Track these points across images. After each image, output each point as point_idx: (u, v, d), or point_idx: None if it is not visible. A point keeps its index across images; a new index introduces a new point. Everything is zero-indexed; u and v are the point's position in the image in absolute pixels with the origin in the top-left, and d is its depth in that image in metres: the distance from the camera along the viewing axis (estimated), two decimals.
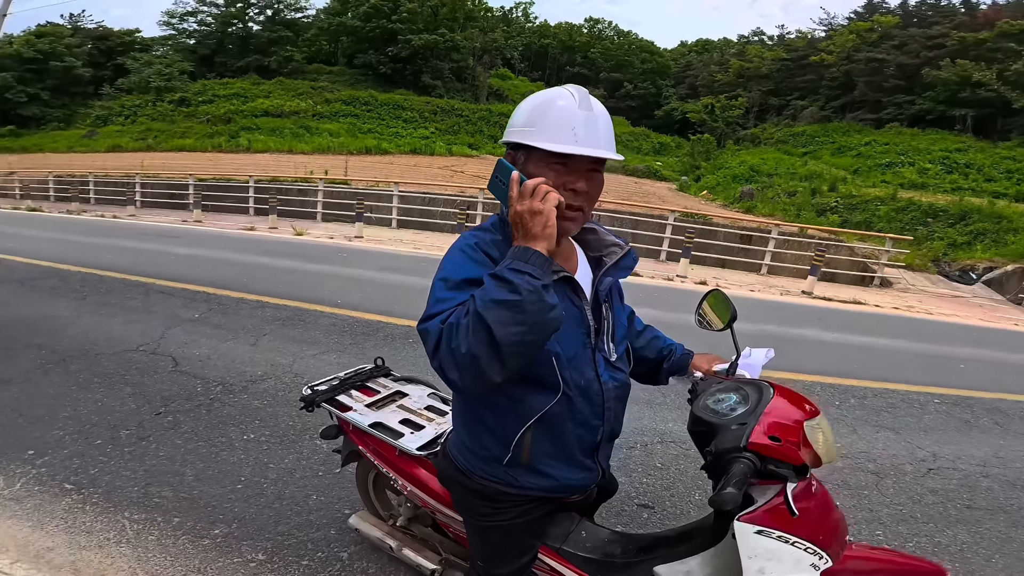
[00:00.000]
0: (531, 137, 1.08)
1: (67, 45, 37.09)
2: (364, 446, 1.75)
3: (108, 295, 5.38)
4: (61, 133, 34.03)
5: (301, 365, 3.82)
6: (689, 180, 28.67)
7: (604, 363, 1.23)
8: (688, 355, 1.49)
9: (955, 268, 14.46)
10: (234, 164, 22.39)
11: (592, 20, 66.22)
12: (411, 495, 1.65)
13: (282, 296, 5.52)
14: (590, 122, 1.07)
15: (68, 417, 3.01)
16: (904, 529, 2.59)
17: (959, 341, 6.52)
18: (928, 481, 3.02)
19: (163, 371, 3.62)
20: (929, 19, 37.14)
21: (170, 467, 2.61)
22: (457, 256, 1.11)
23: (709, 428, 1.13)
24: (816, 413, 1.12)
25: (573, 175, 1.09)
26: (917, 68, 32.67)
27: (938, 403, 4.17)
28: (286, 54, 42.35)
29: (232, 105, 35.59)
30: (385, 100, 39.07)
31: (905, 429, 3.64)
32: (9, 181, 19.33)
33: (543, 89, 1.19)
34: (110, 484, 2.46)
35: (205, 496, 2.41)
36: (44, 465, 2.58)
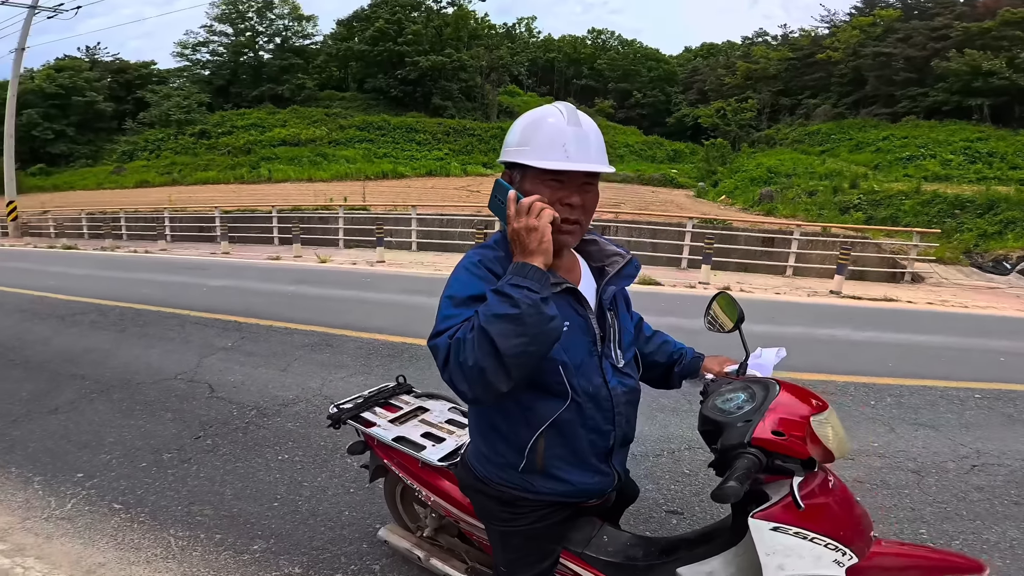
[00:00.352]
0: (525, 156, 1.13)
1: (87, 79, 38.37)
2: (389, 459, 1.81)
3: (145, 327, 5.59)
4: (90, 170, 35.35)
5: (331, 388, 3.91)
6: (707, 186, 28.47)
7: (612, 369, 1.26)
8: (699, 358, 1.52)
9: (988, 259, 14.00)
10: (257, 195, 23.06)
11: (595, 31, 66.39)
12: (435, 505, 1.70)
13: (310, 322, 5.66)
14: (580, 138, 1.12)
15: (113, 442, 3.16)
16: (950, 527, 2.52)
17: (997, 334, 6.33)
18: (972, 478, 2.93)
19: (201, 397, 3.76)
20: (930, 11, 36.47)
21: (210, 487, 2.72)
22: (462, 274, 1.16)
23: (716, 427, 1.15)
24: (823, 408, 1.13)
25: (567, 190, 1.13)
26: (926, 60, 32.07)
27: (979, 398, 4.04)
28: (298, 82, 43.50)
29: (250, 136, 36.69)
30: (398, 124, 39.85)
31: (945, 426, 3.54)
32: (44, 220, 20.18)
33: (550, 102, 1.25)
34: (155, 504, 2.59)
35: (244, 514, 2.51)
36: (93, 487, 2.72)
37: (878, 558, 1.12)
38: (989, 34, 30.06)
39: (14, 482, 2.79)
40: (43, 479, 2.81)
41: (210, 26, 44.53)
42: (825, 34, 41.46)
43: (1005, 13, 29.73)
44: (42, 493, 2.69)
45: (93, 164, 36.58)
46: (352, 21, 46.64)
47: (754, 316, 6.96)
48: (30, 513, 2.53)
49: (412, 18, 42.96)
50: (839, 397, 3.94)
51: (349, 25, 46.76)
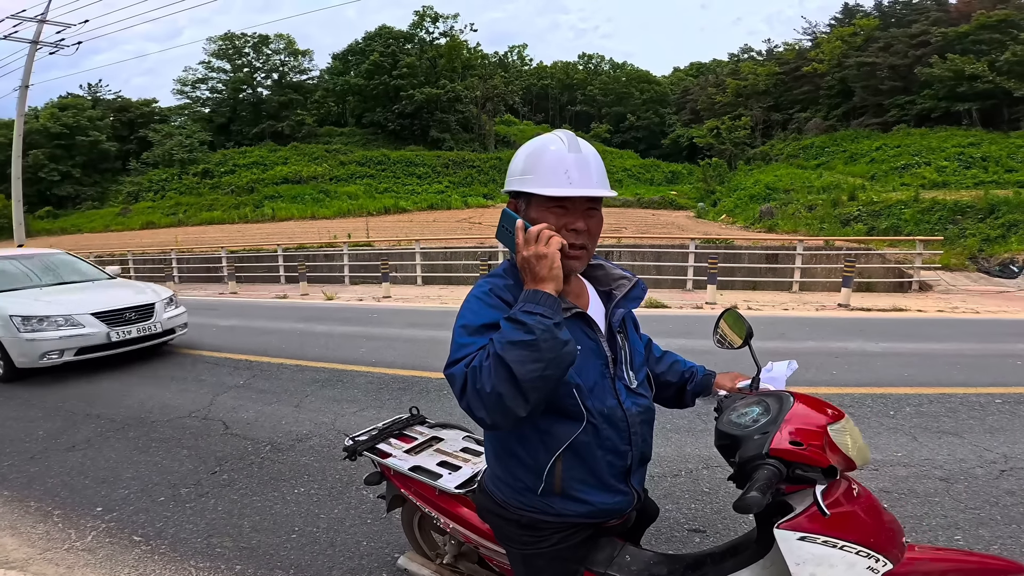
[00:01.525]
0: (529, 184, 1.16)
1: (90, 117, 39.26)
2: (406, 489, 1.82)
3: (158, 367, 5.63)
4: (96, 212, 35.94)
5: (343, 422, 3.91)
6: (706, 205, 28.69)
7: (625, 390, 1.28)
8: (710, 375, 1.52)
9: (994, 263, 13.96)
10: (261, 233, 23.37)
11: (586, 56, 67.70)
12: (454, 532, 1.70)
13: (319, 359, 5.69)
14: (581, 163, 1.15)
15: (131, 478, 3.19)
16: (986, 532, 2.47)
17: (1012, 337, 6.29)
18: (1003, 483, 2.88)
19: (215, 434, 3.78)
20: (906, 18, 37.11)
21: (228, 520, 2.74)
22: (474, 303, 1.18)
23: (733, 441, 1.16)
24: (840, 417, 1.14)
25: (572, 216, 1.17)
26: (909, 68, 32.52)
27: (1000, 403, 4.00)
28: (297, 118, 44.31)
29: (253, 174, 37.31)
30: (397, 157, 40.52)
31: (969, 432, 3.50)
32: None
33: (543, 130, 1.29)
34: (175, 536, 2.61)
35: (263, 545, 2.53)
36: (112, 520, 2.75)
37: (915, 563, 1.11)
38: (967, 38, 30.52)
39: (33, 515, 2.82)
40: (62, 512, 2.83)
41: (208, 62, 45.76)
42: (809, 47, 42.21)
43: (980, 17, 30.18)
44: (62, 526, 2.71)
45: (99, 206, 37.23)
46: (347, 55, 47.86)
47: (764, 333, 6.92)
48: (50, 544, 2.56)
49: (406, 50, 44.04)
50: (857, 409, 3.90)
51: (344, 59, 47.92)
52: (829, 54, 37.14)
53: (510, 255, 1.26)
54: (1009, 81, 27.44)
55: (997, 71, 28.10)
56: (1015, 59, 27.27)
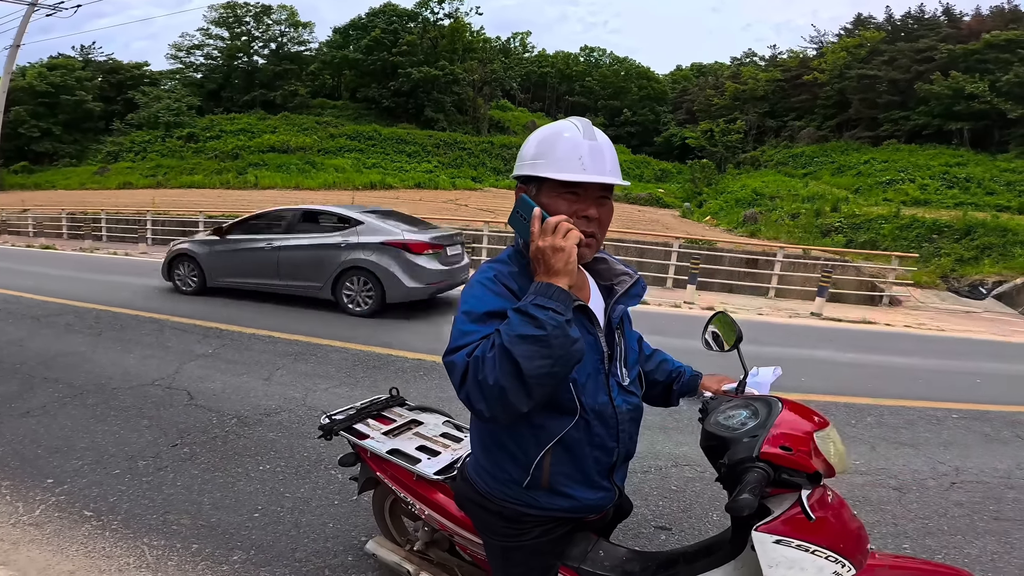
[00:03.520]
0: (541, 169, 1.13)
1: (78, 78, 37.94)
2: (382, 472, 1.78)
3: (123, 331, 5.47)
4: (73, 169, 34.78)
5: (314, 398, 3.85)
6: (692, 206, 28.86)
7: (617, 387, 1.27)
8: (697, 376, 1.53)
9: (964, 283, 14.39)
10: (242, 201, 22.81)
11: (588, 48, 67.23)
12: (429, 519, 1.68)
13: (293, 331, 5.60)
14: (595, 151, 1.13)
15: (86, 448, 3.06)
16: (932, 542, 2.57)
17: (973, 356, 6.49)
18: (952, 494, 3.00)
19: (179, 405, 3.67)
20: (915, 33, 37.43)
21: (188, 496, 2.64)
22: (478, 289, 1.15)
23: (721, 442, 1.16)
24: (825, 424, 1.16)
25: (584, 203, 1.14)
26: (909, 83, 32.92)
27: (956, 418, 4.14)
28: (290, 88, 43.34)
29: (239, 141, 36.38)
30: (388, 134, 39.88)
31: (924, 445, 3.62)
32: (23, 219, 19.71)
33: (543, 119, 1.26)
34: (129, 512, 2.50)
35: (223, 524, 2.44)
36: (63, 493, 2.63)
37: (875, 570, 1.13)
38: (973, 57, 30.84)
39: None
40: (11, 484, 2.71)
41: (207, 29, 44.42)
42: (813, 55, 42.37)
43: (990, 36, 30.54)
44: (10, 498, 2.59)
45: (77, 164, 36.01)
46: (348, 29, 46.79)
47: None
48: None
49: (408, 28, 43.22)
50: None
51: (345, 33, 46.88)
52: (832, 64, 37.40)
53: (515, 241, 1.24)
54: (1007, 103, 27.89)
55: (997, 92, 28.52)
56: (1017, 80, 27.70)
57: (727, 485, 1.15)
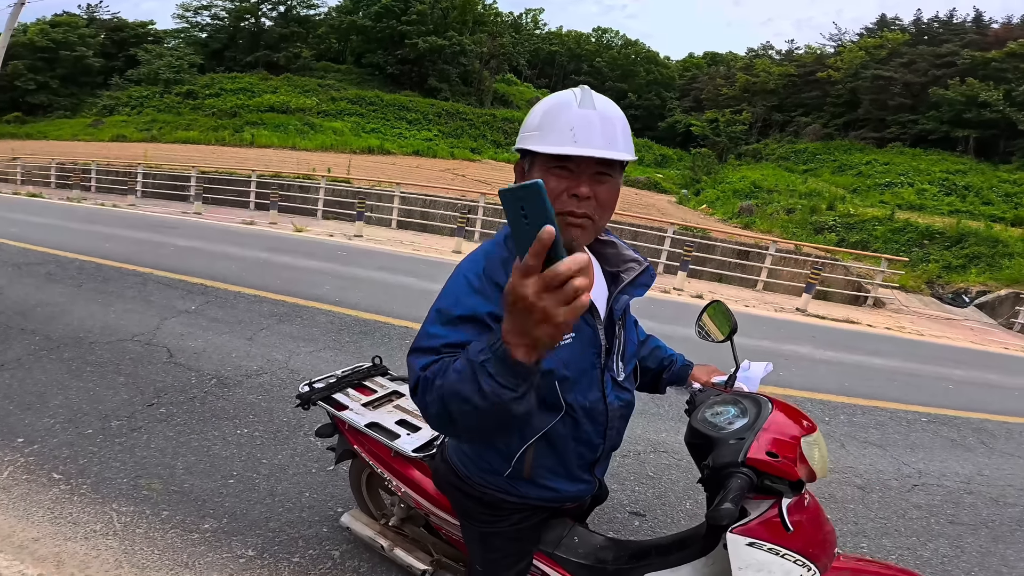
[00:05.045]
0: (532, 141, 1.03)
1: (80, 35, 37.02)
2: (359, 446, 1.75)
3: (105, 283, 5.38)
4: (66, 121, 33.97)
5: (297, 361, 3.82)
6: (689, 193, 28.78)
7: (612, 383, 1.20)
8: (688, 366, 1.49)
9: (948, 290, 14.58)
10: (237, 158, 22.39)
11: (600, 29, 66.23)
12: (405, 496, 1.66)
13: (280, 292, 5.53)
14: (589, 121, 1.00)
15: (59, 405, 2.98)
16: (888, 542, 2.63)
17: (948, 362, 6.60)
18: (913, 496, 3.07)
19: (157, 362, 3.62)
20: (939, 37, 36.83)
21: (161, 459, 2.58)
22: (460, 284, 1.04)
23: (706, 441, 1.14)
24: (813, 429, 1.14)
25: (576, 179, 1.01)
26: (923, 87, 32.57)
27: (926, 422, 4.22)
28: (295, 51, 42.43)
29: (238, 100, 35.63)
30: (391, 101, 39.18)
31: (892, 446, 3.69)
32: (11, 167, 19.25)
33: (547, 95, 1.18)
34: (99, 475, 2.44)
35: (196, 490, 2.40)
36: (33, 454, 2.55)
37: (839, 573, 1.16)
38: (992, 64, 30.47)
39: None
40: None
41: None
42: (830, 53, 41.69)
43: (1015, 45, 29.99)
44: None
45: (72, 116, 35.15)
46: None
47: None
48: None
49: None
50: None
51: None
52: (847, 63, 36.86)
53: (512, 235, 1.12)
54: (1019, 113, 27.67)
55: (1011, 101, 28.27)
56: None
57: (708, 488, 1.14)
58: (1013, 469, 3.63)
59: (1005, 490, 3.29)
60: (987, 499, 3.15)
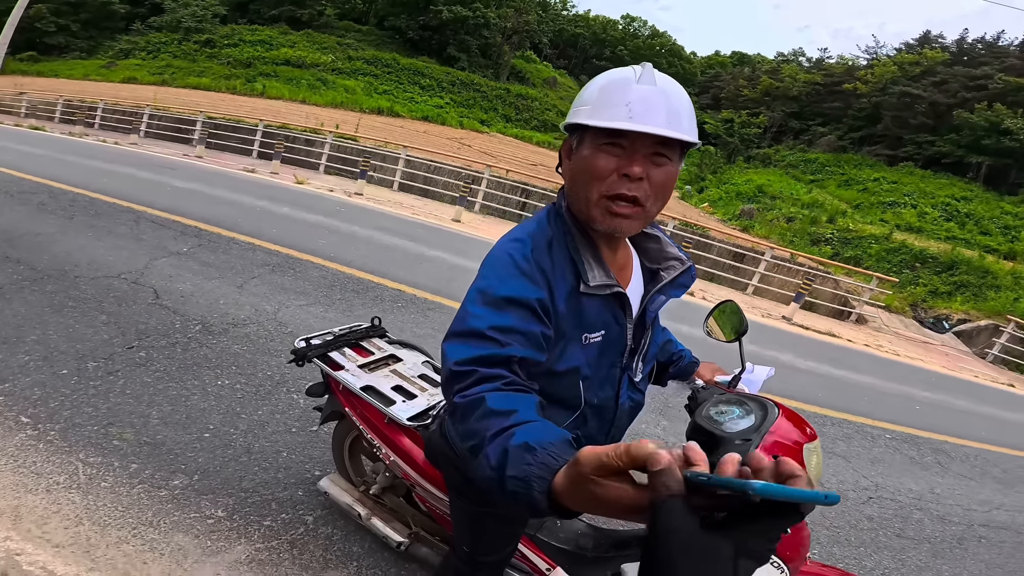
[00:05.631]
0: (582, 115, 0.94)
1: None
2: (351, 409, 1.70)
3: (96, 218, 5.33)
4: (79, 62, 33.35)
5: (286, 314, 3.79)
6: (693, 190, 28.70)
7: (628, 382, 1.14)
8: (695, 363, 1.47)
9: (930, 315, 14.77)
10: (246, 106, 22.03)
11: (629, 17, 65.33)
12: (393, 465, 1.61)
13: (274, 241, 5.50)
14: (648, 97, 0.90)
15: (36, 341, 2.86)
16: (837, 551, 2.74)
17: (919, 384, 6.75)
18: (866, 508, 3.19)
19: (142, 302, 3.55)
20: (980, 59, 36.17)
21: (135, 407, 2.49)
22: (505, 264, 0.95)
23: (710, 438, 1.12)
24: (815, 437, 1.15)
25: (630, 159, 0.92)
26: (949, 108, 32.13)
27: (889, 438, 4.35)
28: (320, 7, 41.60)
29: (256, 51, 35.21)
30: (407, 65, 38.59)
31: (855, 458, 3.81)
32: (17, 100, 18.86)
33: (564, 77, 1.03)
34: (69, 420, 2.32)
35: (168, 442, 2.30)
36: (3, 393, 2.42)
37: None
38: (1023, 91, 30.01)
39: None
40: None
41: None
42: (862, 65, 41.11)
43: None
44: None
45: (87, 58, 34.43)
46: None
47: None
48: None
49: None
50: None
51: None
52: (878, 77, 36.33)
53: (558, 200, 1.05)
54: None
55: None
56: None
57: None
58: (963, 490, 3.78)
59: (952, 509, 3.43)
60: (935, 516, 3.28)
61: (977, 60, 36.20)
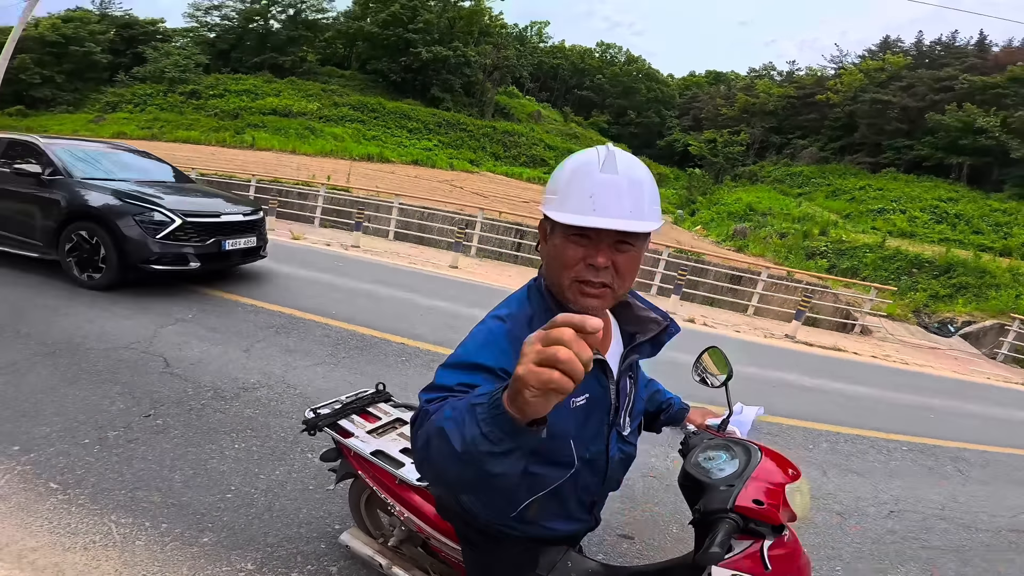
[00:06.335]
0: (553, 207, 1.00)
1: (91, 31, 37.19)
2: (364, 471, 1.80)
3: None
4: (68, 116, 33.92)
5: (294, 376, 3.83)
6: (685, 214, 29.09)
7: (617, 437, 1.24)
8: (684, 409, 1.56)
9: (934, 320, 14.78)
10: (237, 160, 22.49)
11: (604, 45, 66.81)
12: (407, 521, 1.70)
13: (276, 302, 5.56)
14: (610, 187, 0.95)
15: (54, 413, 2.97)
16: (862, 566, 2.72)
17: (930, 391, 6.73)
18: (888, 522, 3.17)
19: (154, 372, 3.61)
20: (941, 60, 37.13)
21: (158, 472, 2.60)
22: (484, 333, 1.06)
23: (698, 485, 1.22)
24: (797, 476, 1.23)
25: (595, 248, 0.98)
26: (921, 112, 32.86)
27: (905, 450, 4.34)
28: (301, 54, 42.79)
29: (242, 101, 35.87)
30: (392, 108, 39.46)
31: (871, 473, 3.79)
32: None
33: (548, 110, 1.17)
34: (96, 486, 2.44)
35: (194, 503, 2.42)
36: (29, 462, 2.55)
37: None
38: (992, 90, 30.68)
39: None
40: None
41: None
42: (831, 75, 42.11)
43: (1015, 69, 30.15)
44: None
45: (74, 111, 35.22)
46: (368, 2, 46.16)
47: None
48: None
49: (428, 7, 42.76)
50: (781, 439, 4.14)
51: (365, 5, 46.23)
52: (847, 86, 37.22)
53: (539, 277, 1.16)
54: (1014, 139, 27.88)
55: (1007, 128, 28.45)
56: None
57: (699, 529, 1.23)
58: (987, 496, 3.74)
59: (977, 516, 3.41)
60: (959, 525, 3.26)
61: (938, 62, 37.11)
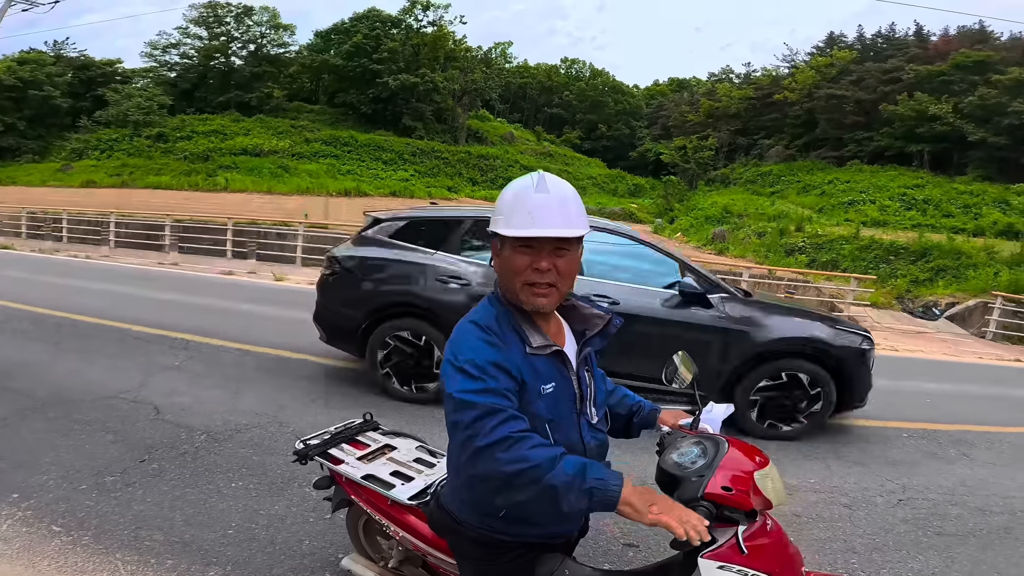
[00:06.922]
0: (499, 225, 1.23)
1: (48, 74, 36.74)
2: (357, 496, 1.84)
3: (84, 340, 5.30)
4: (35, 166, 33.49)
5: (285, 415, 3.81)
6: (664, 222, 29.53)
7: (587, 426, 1.38)
8: (656, 411, 1.63)
9: (918, 304, 15.07)
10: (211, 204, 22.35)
11: (569, 60, 67.70)
12: (403, 540, 1.74)
13: (263, 344, 5.50)
14: (544, 204, 1.20)
15: (50, 463, 2.98)
16: (878, 557, 2.69)
17: (924, 376, 6.79)
18: (898, 511, 3.15)
19: (145, 419, 3.59)
20: (884, 53, 38.51)
21: (159, 512, 2.61)
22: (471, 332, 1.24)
23: (672, 479, 1.29)
24: (765, 464, 1.29)
25: (539, 255, 1.22)
26: (875, 104, 33.87)
27: (906, 437, 4.36)
28: (267, 91, 42.58)
29: (210, 142, 35.62)
30: (365, 141, 39.60)
31: (874, 463, 3.79)
32: None
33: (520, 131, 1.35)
34: (99, 527, 2.46)
35: (197, 540, 2.43)
36: (30, 508, 2.56)
37: None
38: (939, 78, 31.74)
39: None
40: None
41: (185, 28, 43.42)
42: (785, 74, 43.34)
43: (958, 56, 31.21)
44: None
45: (40, 160, 34.68)
46: (330, 33, 46.41)
47: None
48: None
49: (391, 35, 43.05)
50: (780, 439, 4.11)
51: (327, 37, 46.47)
52: (802, 83, 38.30)
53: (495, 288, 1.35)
54: (968, 124, 28.74)
55: (959, 113, 29.29)
56: (980, 102, 28.53)
57: None
58: (996, 478, 3.73)
59: (989, 499, 3.38)
60: (972, 509, 3.24)
61: (883, 54, 38.51)
